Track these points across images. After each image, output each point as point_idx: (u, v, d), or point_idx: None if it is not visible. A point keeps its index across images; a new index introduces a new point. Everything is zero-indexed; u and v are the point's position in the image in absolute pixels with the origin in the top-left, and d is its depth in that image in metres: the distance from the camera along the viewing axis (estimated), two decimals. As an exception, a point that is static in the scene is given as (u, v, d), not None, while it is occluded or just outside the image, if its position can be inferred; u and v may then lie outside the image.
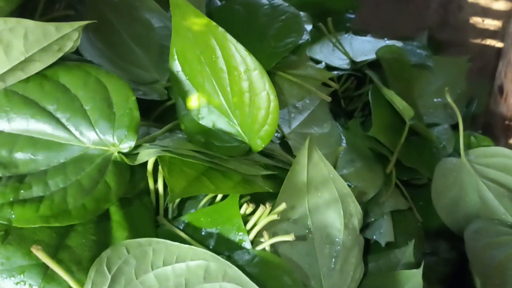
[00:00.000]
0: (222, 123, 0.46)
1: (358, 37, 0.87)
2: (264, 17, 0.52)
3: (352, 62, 0.75)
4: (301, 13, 0.84)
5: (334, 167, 0.51)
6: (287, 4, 0.53)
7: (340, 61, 0.76)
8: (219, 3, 0.69)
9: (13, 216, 0.37)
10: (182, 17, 0.44)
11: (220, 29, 0.41)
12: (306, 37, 0.50)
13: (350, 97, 0.75)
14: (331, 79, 0.56)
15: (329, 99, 0.53)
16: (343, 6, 0.97)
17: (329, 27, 0.73)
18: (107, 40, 0.55)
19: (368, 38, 0.87)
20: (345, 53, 0.76)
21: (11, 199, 0.38)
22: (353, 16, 0.99)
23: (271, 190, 0.43)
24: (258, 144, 0.44)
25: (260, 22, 0.52)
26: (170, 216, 0.45)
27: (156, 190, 0.45)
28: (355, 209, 0.47)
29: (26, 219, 0.37)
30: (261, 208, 0.40)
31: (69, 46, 0.39)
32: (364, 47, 0.82)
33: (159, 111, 0.52)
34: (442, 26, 1.14)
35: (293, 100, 0.50)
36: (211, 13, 0.58)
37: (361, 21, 1.02)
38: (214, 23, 0.42)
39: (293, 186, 0.44)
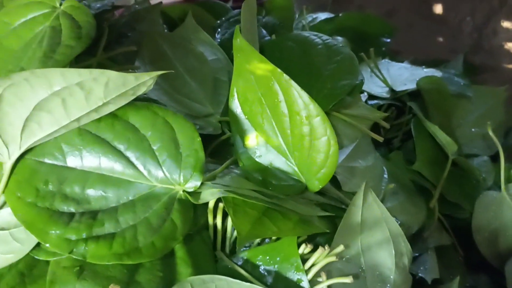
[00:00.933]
0: (279, 163, 0.47)
1: (395, 63, 0.88)
2: (319, 57, 0.53)
3: (392, 90, 0.76)
4: (339, 38, 0.86)
5: (382, 201, 0.52)
6: (341, 45, 0.54)
7: (379, 89, 0.77)
8: (264, 32, 0.71)
9: (88, 252, 0.39)
10: (245, 60, 0.46)
11: (285, 76, 0.43)
12: (360, 78, 0.52)
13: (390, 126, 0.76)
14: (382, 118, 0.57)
15: (381, 139, 0.55)
16: (379, 30, 0.99)
17: (370, 56, 0.74)
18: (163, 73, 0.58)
19: (405, 65, 0.88)
20: (385, 81, 0.77)
21: (85, 235, 0.40)
22: (388, 40, 1.00)
23: (328, 231, 0.44)
24: (316, 185, 0.46)
25: (314, 61, 0.53)
26: (227, 250, 0.47)
27: (214, 225, 0.46)
28: (406, 248, 0.48)
29: (100, 255, 0.39)
30: (320, 249, 0.42)
31: (142, 90, 0.41)
32: (401, 74, 0.83)
33: (213, 145, 0.53)
34: (476, 50, 1.15)
35: (347, 141, 0.52)
36: (263, 47, 0.60)
37: (393, 42, 1.03)
38: (279, 70, 0.43)
39: (348, 227, 0.45)
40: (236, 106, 0.48)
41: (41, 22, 0.50)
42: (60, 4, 0.51)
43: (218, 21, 0.76)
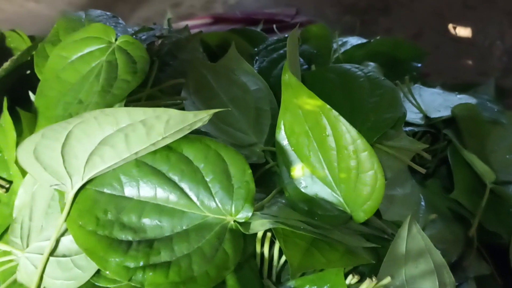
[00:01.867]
0: (325, 194, 0.49)
1: (426, 89, 0.89)
2: (361, 89, 0.55)
3: (426, 117, 0.77)
4: (371, 64, 0.88)
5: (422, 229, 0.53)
6: (383, 78, 0.56)
7: (413, 115, 0.78)
8: (301, 60, 0.73)
9: (146, 280, 0.41)
10: (294, 95, 0.48)
11: (334, 112, 0.45)
12: (403, 110, 0.53)
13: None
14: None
15: (424, 171, 0.56)
16: (410, 55, 1.00)
17: (406, 83, 0.75)
18: (208, 103, 0.60)
19: (438, 90, 0.89)
20: (419, 108, 0.78)
21: (142, 263, 0.42)
22: (419, 65, 1.01)
23: (374, 262, 0.45)
24: (361, 216, 0.47)
25: (356, 94, 0.55)
26: (274, 279, 0.48)
27: (261, 254, 0.48)
28: (449, 279, 0.49)
29: (157, 283, 0.41)
30: (368, 280, 0.43)
31: (198, 125, 0.43)
32: (434, 100, 0.84)
33: (257, 174, 0.55)
34: (506, 73, 1.15)
35: (389, 172, 0.53)
36: (303, 78, 0.62)
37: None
38: (328, 106, 0.45)
39: (393, 258, 0.46)
40: (282, 138, 0.50)
41: (97, 56, 0.53)
42: (115, 39, 0.53)
43: (256, 49, 0.78)
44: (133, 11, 1.82)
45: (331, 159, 0.47)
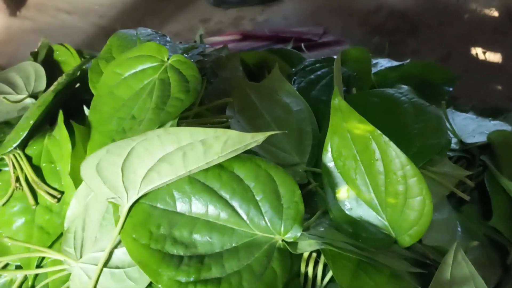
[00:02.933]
0: (370, 217, 0.49)
1: (459, 113, 0.89)
2: (405, 115, 0.56)
3: (461, 142, 0.77)
4: (404, 87, 0.88)
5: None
6: (428, 104, 0.57)
7: (449, 140, 0.78)
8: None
9: (197, 295, 0.42)
10: (343, 120, 0.49)
11: (384, 137, 0.46)
12: (448, 137, 0.54)
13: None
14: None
15: (467, 198, 0.56)
16: (442, 78, 1.00)
17: (442, 108, 0.76)
18: (252, 122, 0.61)
19: (471, 116, 0.89)
20: (454, 133, 0.78)
21: (193, 279, 0.43)
22: (451, 89, 1.01)
23: (419, 287, 0.46)
24: (407, 241, 0.47)
25: (401, 119, 0.56)
26: (318, 300, 0.49)
27: (305, 273, 0.49)
28: (491, 307, 0.49)
29: (208, 299, 0.42)
30: (416, 306, 0.43)
31: (252, 145, 0.44)
32: (468, 125, 0.84)
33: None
34: (536, 99, 1.15)
35: (433, 198, 0.54)
36: (345, 100, 0.63)
37: (449, 86, 1.04)
38: (378, 131, 0.46)
39: (438, 284, 0.47)
40: (329, 159, 0.51)
41: (150, 74, 0.55)
42: (168, 58, 0.55)
43: (294, 69, 0.80)
44: (163, 25, 1.86)
45: (378, 183, 0.48)
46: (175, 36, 1.69)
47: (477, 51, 1.41)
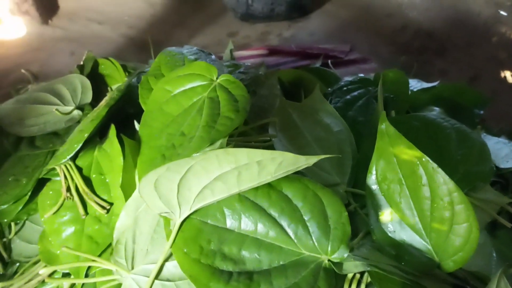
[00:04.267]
0: (413, 240, 0.50)
1: (491, 137, 0.89)
2: (448, 140, 0.57)
3: (495, 167, 0.78)
4: (436, 109, 0.89)
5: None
6: (470, 130, 0.57)
7: (481, 164, 0.79)
8: (374, 103, 0.76)
9: (246, 311, 0.43)
10: (390, 144, 0.50)
11: (432, 163, 0.47)
12: (491, 164, 0.55)
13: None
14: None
15: (510, 225, 0.57)
16: (473, 101, 1.01)
17: (477, 132, 0.76)
18: (294, 141, 0.63)
19: (503, 140, 0.90)
20: (488, 157, 0.79)
21: (242, 294, 0.44)
22: (481, 112, 1.02)
23: (462, 312, 0.46)
24: (450, 266, 0.48)
25: (444, 144, 0.57)
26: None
27: (348, 293, 0.49)
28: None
29: (258, 315, 0.43)
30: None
31: (303, 167, 0.46)
32: (501, 150, 0.84)
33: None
34: None
35: (477, 225, 0.54)
36: (384, 123, 0.64)
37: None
38: (426, 157, 0.47)
39: (481, 310, 0.47)
40: (373, 182, 0.52)
41: (199, 92, 0.57)
42: (217, 78, 0.57)
43: (329, 89, 0.81)
44: (191, 37, 1.89)
45: (423, 208, 0.49)
46: (203, 48, 1.72)
47: (505, 74, 1.41)
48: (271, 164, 0.44)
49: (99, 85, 0.77)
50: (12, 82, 1.53)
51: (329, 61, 1.48)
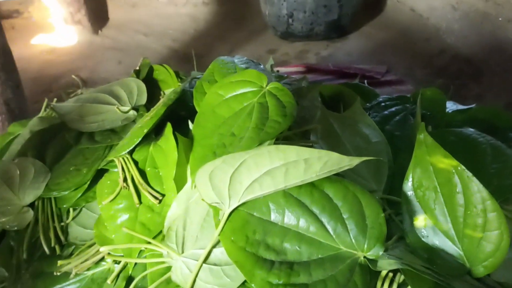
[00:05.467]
0: (446, 246, 0.53)
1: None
2: (483, 155, 0.60)
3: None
4: (471, 130, 0.91)
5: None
6: (505, 146, 0.60)
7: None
8: (411, 119, 0.79)
9: (286, 297, 0.47)
10: (427, 153, 0.54)
11: (467, 172, 0.50)
12: (524, 179, 0.57)
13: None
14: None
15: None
16: (508, 125, 1.02)
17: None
18: (334, 149, 0.66)
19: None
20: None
21: (283, 282, 0.48)
22: (517, 134, 1.03)
23: (491, 316, 0.49)
24: (481, 271, 0.51)
25: (479, 158, 0.60)
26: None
27: (380, 291, 0.53)
28: None
29: (296, 301, 0.47)
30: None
31: (345, 168, 0.49)
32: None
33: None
34: None
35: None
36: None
37: None
38: (462, 166, 0.50)
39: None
40: (409, 188, 0.56)
41: (249, 97, 0.62)
42: (266, 85, 0.62)
43: (368, 104, 0.85)
44: (232, 52, 1.96)
45: (457, 215, 0.52)
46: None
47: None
48: (317, 162, 0.48)
49: (152, 89, 0.83)
50: (63, 86, 1.62)
51: (365, 81, 1.51)
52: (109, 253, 0.59)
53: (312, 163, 0.48)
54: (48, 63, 1.86)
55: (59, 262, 0.62)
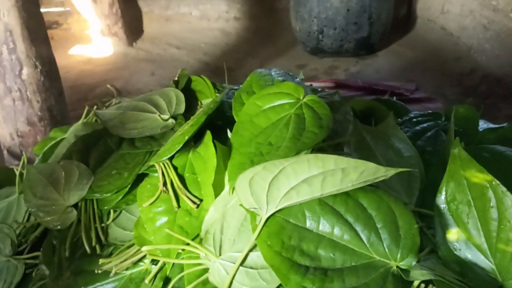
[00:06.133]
0: (478, 259, 0.54)
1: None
2: (515, 171, 0.60)
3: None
4: (503, 147, 0.91)
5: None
6: (538, 164, 0.61)
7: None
8: (442, 135, 0.80)
9: (320, 301, 0.49)
10: (462, 167, 0.55)
11: (502, 187, 0.51)
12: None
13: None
14: None
15: None
16: (540, 144, 1.01)
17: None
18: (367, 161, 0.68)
19: None
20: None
21: (317, 287, 0.50)
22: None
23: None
24: (513, 286, 0.51)
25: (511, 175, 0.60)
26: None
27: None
28: None
29: (330, 306, 0.48)
30: None
31: (381, 179, 0.51)
32: None
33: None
34: None
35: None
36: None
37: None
38: (496, 181, 0.51)
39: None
40: (442, 202, 0.57)
41: (287, 109, 0.64)
42: (303, 97, 0.64)
43: (399, 119, 0.86)
44: (262, 67, 2.00)
45: (490, 229, 0.53)
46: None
47: None
48: (354, 172, 0.50)
49: (190, 99, 0.86)
50: (98, 95, 1.69)
51: (395, 98, 1.52)
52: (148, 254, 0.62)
53: (349, 172, 0.50)
54: (85, 73, 1.93)
55: (101, 261, 0.65)
